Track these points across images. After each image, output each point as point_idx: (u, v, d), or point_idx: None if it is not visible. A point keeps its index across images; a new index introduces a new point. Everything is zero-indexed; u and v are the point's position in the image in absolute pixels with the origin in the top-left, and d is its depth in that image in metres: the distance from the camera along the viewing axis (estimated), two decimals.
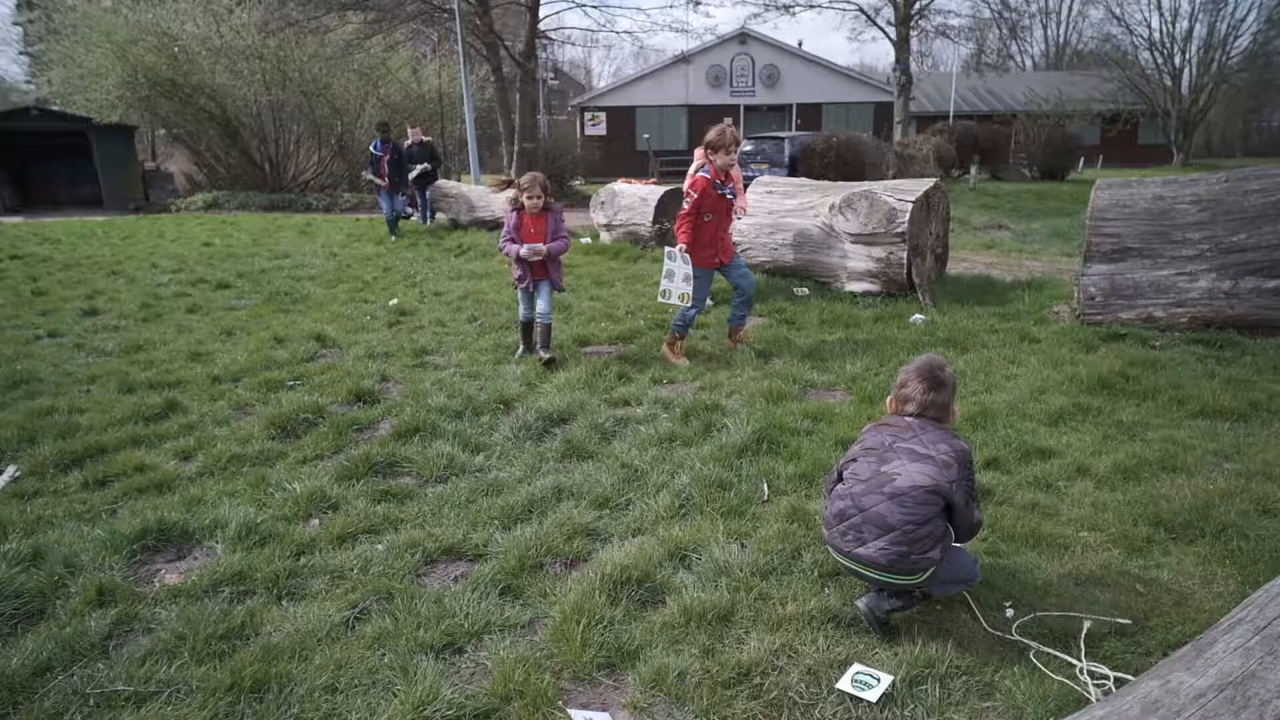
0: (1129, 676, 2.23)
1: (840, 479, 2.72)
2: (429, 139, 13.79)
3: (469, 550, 3.13)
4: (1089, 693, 2.24)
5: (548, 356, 5.49)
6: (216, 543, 3.18)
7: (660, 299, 5.52)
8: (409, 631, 2.58)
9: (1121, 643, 2.48)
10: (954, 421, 2.75)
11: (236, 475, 3.87)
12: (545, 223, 5.57)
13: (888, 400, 2.83)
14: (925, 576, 2.51)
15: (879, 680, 2.30)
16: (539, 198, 5.49)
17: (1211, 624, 2.07)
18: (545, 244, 5.52)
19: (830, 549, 2.69)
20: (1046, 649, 2.45)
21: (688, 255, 5.39)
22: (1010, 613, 2.65)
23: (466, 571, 2.99)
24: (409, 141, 13.22)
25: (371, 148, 12.66)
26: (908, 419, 2.67)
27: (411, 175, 12.95)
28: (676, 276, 5.42)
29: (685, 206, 5.48)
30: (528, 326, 5.80)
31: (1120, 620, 2.57)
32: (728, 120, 5.65)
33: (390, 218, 12.71)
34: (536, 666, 2.40)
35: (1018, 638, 2.51)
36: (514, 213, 5.57)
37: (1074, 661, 2.39)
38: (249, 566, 2.96)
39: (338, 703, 2.27)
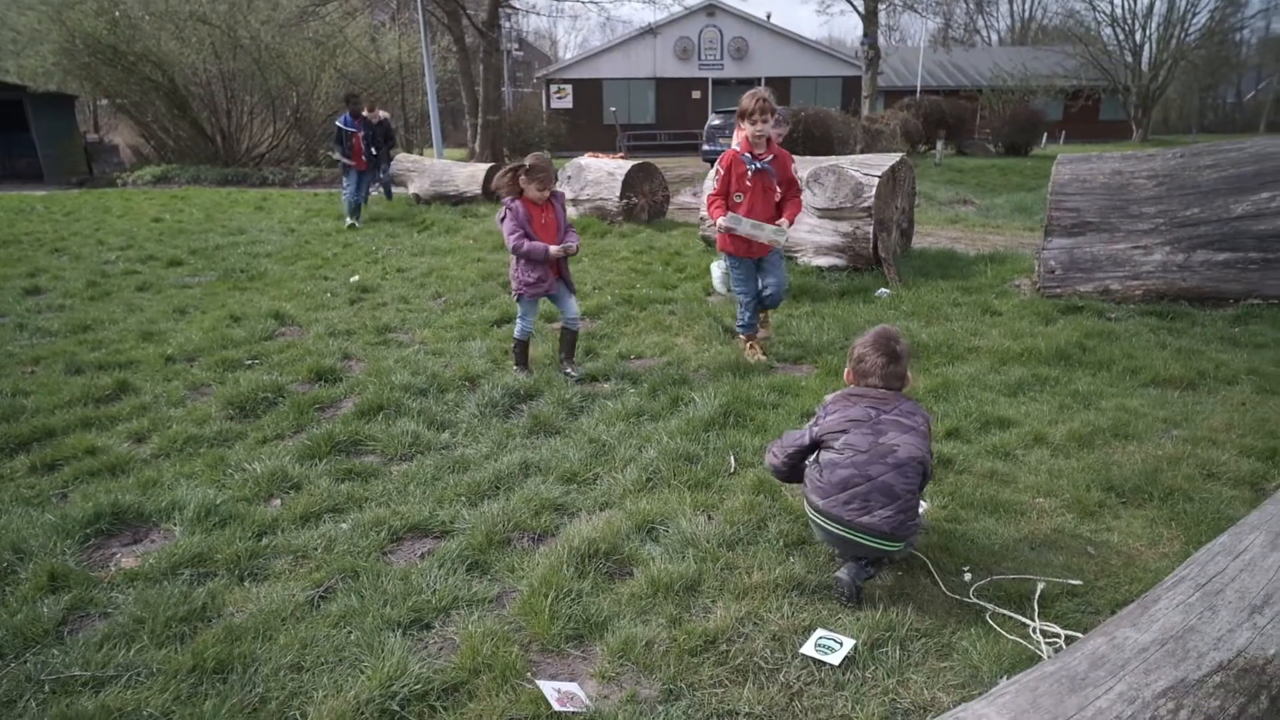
0: (1079, 634, 2.30)
1: (815, 447, 2.75)
2: (386, 115, 12.86)
3: (435, 527, 3.11)
4: (1041, 651, 2.31)
5: (577, 374, 4.74)
6: (175, 525, 3.12)
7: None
8: (375, 609, 2.56)
9: (1073, 603, 2.56)
10: (909, 387, 2.82)
11: (194, 456, 3.79)
12: (554, 211, 4.62)
13: (845, 373, 2.89)
14: (907, 542, 2.61)
15: (841, 644, 2.35)
16: (549, 185, 4.54)
17: (1157, 583, 2.15)
18: (565, 239, 4.62)
19: (823, 518, 2.64)
20: (1002, 610, 2.52)
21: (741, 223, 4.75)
22: (968, 576, 2.71)
23: (433, 548, 2.98)
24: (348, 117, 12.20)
25: (339, 123, 11.30)
26: (880, 390, 2.73)
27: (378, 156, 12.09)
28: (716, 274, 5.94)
29: (714, 185, 4.97)
30: (527, 345, 4.88)
31: (1072, 581, 2.66)
32: (762, 88, 4.72)
33: (354, 201, 11.36)
34: (505, 640, 2.40)
35: (975, 600, 2.57)
36: (517, 203, 4.51)
37: (1027, 622, 2.46)
38: (209, 548, 2.91)
39: (304, 681, 2.25)
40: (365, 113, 11.90)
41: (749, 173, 4.73)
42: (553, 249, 4.48)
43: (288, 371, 4.88)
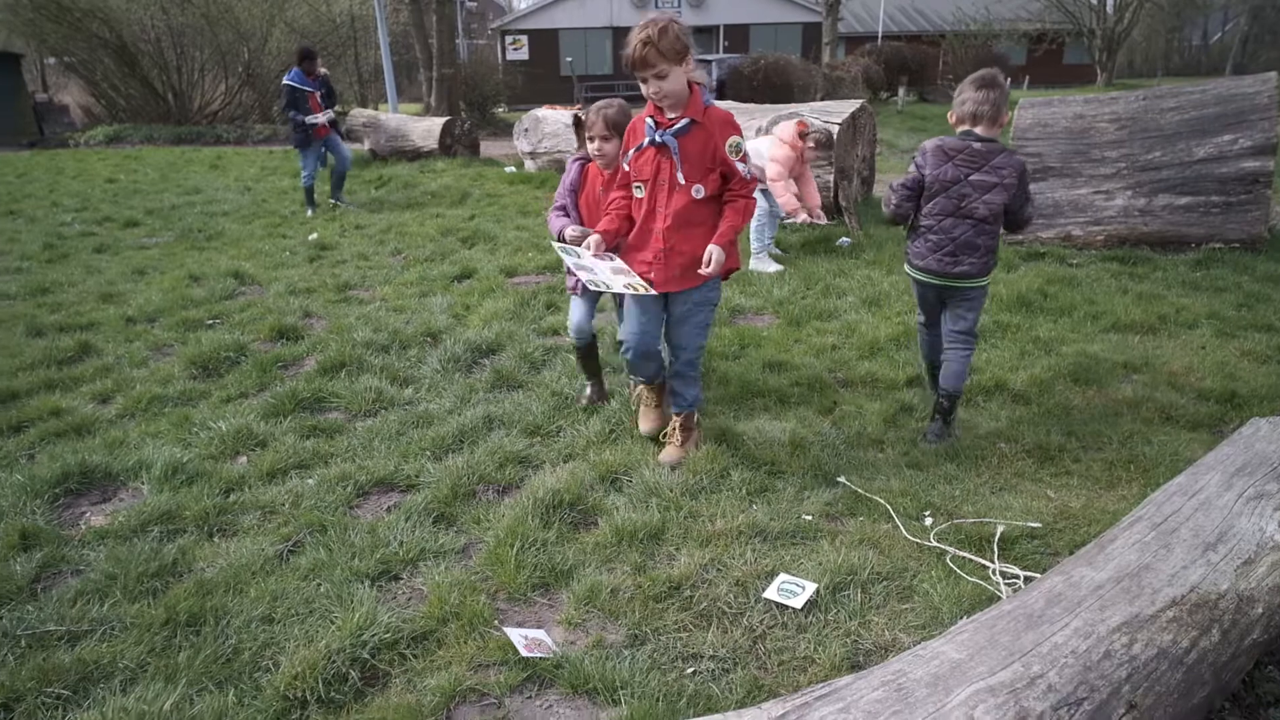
0: (1037, 575, 2.37)
1: (917, 195, 3.30)
2: (326, 71, 10.07)
3: (401, 481, 3.12)
4: (1000, 592, 2.37)
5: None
6: (142, 483, 3.11)
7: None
8: (344, 561, 2.58)
9: (1032, 544, 2.63)
10: (1004, 125, 3.20)
11: (159, 416, 3.75)
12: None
13: (950, 116, 3.26)
14: (988, 277, 3.32)
15: (804, 588, 2.41)
16: (609, 146, 3.14)
17: (1114, 524, 2.22)
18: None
19: (923, 274, 3.33)
20: (962, 553, 2.59)
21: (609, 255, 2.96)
22: (929, 521, 2.78)
23: (399, 502, 2.99)
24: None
25: (290, 80, 8.70)
26: (971, 145, 3.16)
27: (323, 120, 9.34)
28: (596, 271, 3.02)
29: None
30: (593, 348, 3.74)
31: (1031, 524, 2.72)
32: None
33: (310, 182, 8.99)
34: (472, 589, 2.43)
35: (935, 544, 2.64)
36: (576, 165, 3.40)
37: (987, 564, 2.53)
38: (177, 505, 2.90)
39: (275, 632, 2.27)
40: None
41: (651, 151, 2.88)
42: (568, 232, 3.16)
43: (249, 330, 4.81)
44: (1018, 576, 2.45)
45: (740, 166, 2.87)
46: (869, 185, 8.04)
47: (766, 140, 5.94)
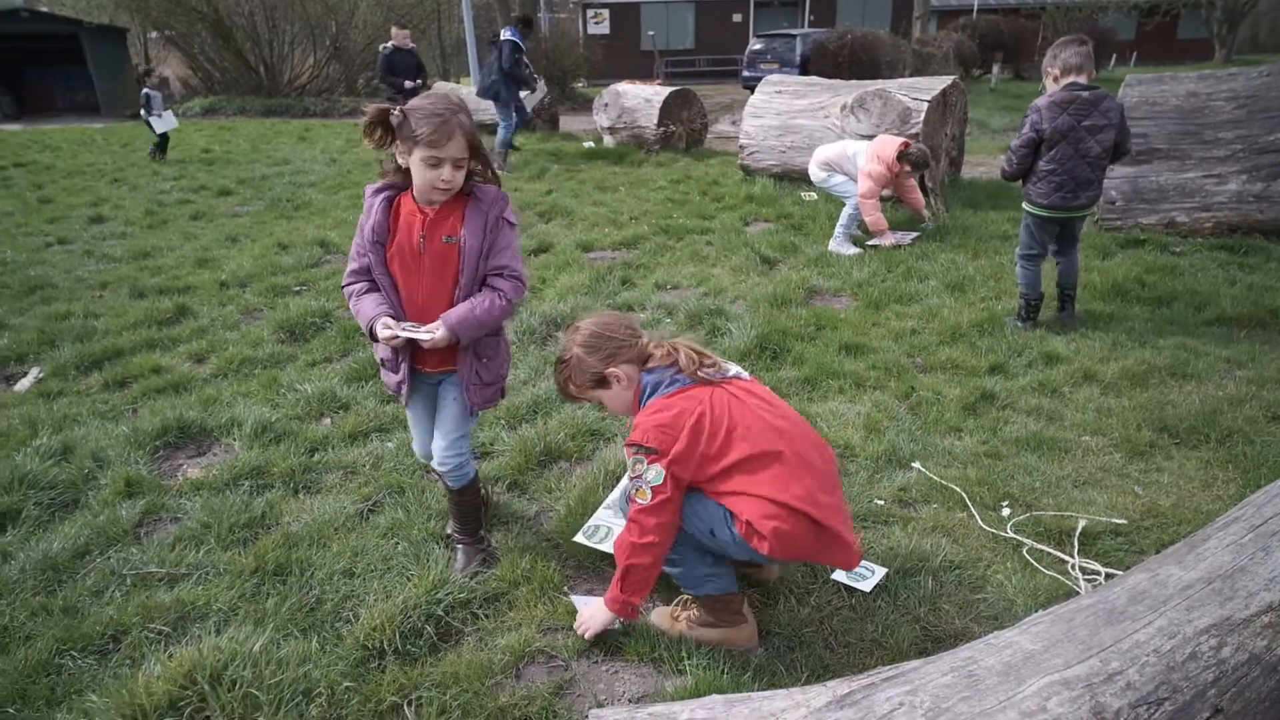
0: (1119, 572, 2.29)
1: (1035, 150, 4.00)
2: (414, 45, 10.86)
3: (476, 448, 3.19)
4: (1079, 588, 2.30)
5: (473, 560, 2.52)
6: (234, 440, 3.28)
7: None
8: (420, 522, 2.67)
9: (1116, 541, 2.54)
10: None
11: (249, 377, 3.94)
12: (457, 225, 2.19)
13: (1050, 80, 3.97)
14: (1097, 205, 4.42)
15: (874, 572, 2.38)
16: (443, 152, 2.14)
17: (1207, 524, 2.11)
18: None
19: (1046, 210, 4.06)
20: (1040, 546, 2.51)
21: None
22: (1006, 512, 2.70)
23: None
24: (389, 46, 10.45)
25: (508, 34, 9.60)
26: (1080, 96, 3.85)
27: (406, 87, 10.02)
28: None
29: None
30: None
31: (1116, 520, 2.62)
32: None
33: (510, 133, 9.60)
34: (543, 555, 2.49)
35: (1012, 535, 2.57)
36: (381, 199, 2.21)
37: (1066, 558, 2.45)
38: (266, 462, 3.06)
39: (355, 585, 2.38)
40: (396, 34, 10.40)
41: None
42: (382, 330, 2.13)
43: (334, 298, 4.98)
44: (1098, 573, 2.37)
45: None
46: (957, 166, 7.77)
47: (865, 152, 5.81)
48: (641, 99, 10.60)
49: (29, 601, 2.32)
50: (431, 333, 2.11)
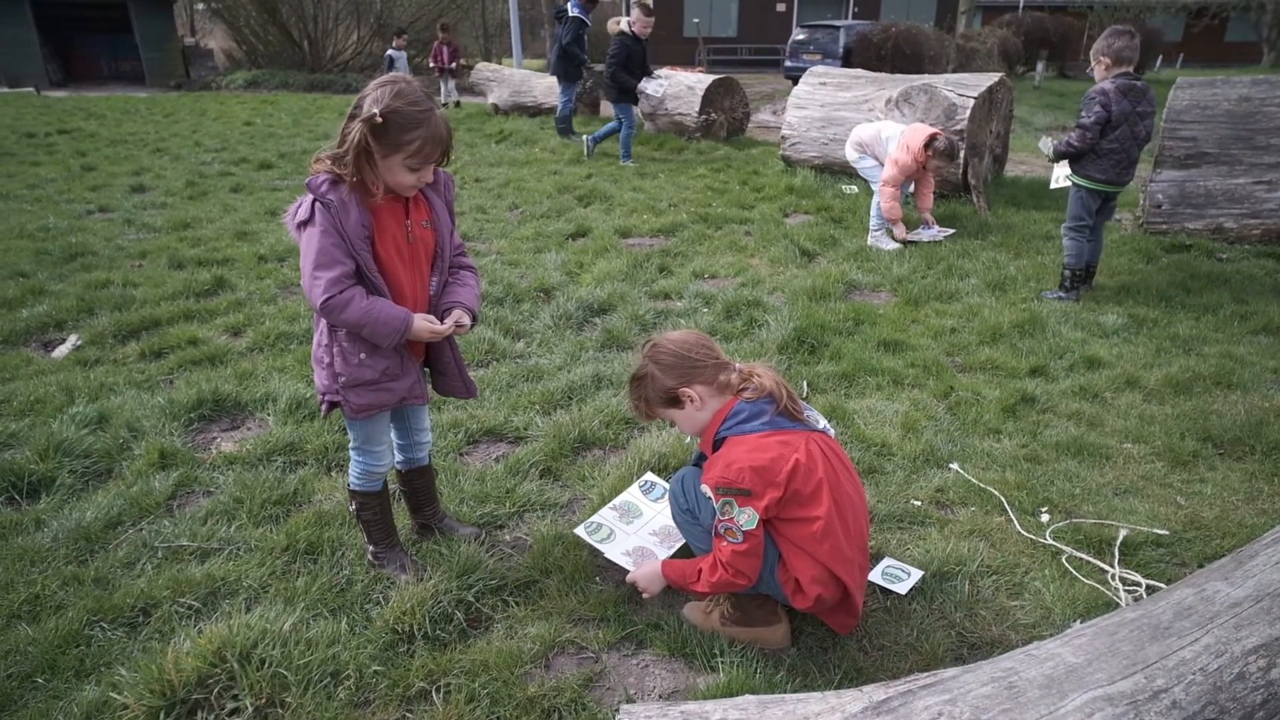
0: (1161, 585, 2.24)
1: (1105, 126, 4.36)
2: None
3: (510, 432, 3.19)
4: (1120, 598, 2.25)
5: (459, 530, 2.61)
6: (268, 415, 3.29)
7: None
8: (453, 506, 2.67)
9: (1157, 553, 2.48)
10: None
11: (285, 352, 3.95)
12: (429, 213, 2.12)
13: (1101, 67, 4.38)
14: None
15: (909, 574, 2.34)
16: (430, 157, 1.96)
17: (1254, 539, 2.05)
18: (449, 295, 2.19)
19: (1102, 185, 4.52)
20: (1079, 554, 2.46)
21: None
22: (1045, 518, 2.65)
23: (507, 453, 3.06)
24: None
25: (573, 9, 9.72)
26: (1135, 84, 4.31)
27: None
28: None
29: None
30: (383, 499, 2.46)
31: (1158, 530, 2.56)
32: None
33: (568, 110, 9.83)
34: (575, 544, 2.47)
35: (1051, 542, 2.52)
36: (334, 194, 1.93)
37: (1106, 568, 2.39)
38: (299, 438, 3.07)
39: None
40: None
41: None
42: (434, 325, 2.08)
43: None
44: (1139, 584, 2.32)
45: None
46: (1000, 164, 7.62)
47: (896, 136, 5.69)
48: (684, 86, 10.52)
49: (61, 570, 2.34)
50: (463, 320, 2.12)
